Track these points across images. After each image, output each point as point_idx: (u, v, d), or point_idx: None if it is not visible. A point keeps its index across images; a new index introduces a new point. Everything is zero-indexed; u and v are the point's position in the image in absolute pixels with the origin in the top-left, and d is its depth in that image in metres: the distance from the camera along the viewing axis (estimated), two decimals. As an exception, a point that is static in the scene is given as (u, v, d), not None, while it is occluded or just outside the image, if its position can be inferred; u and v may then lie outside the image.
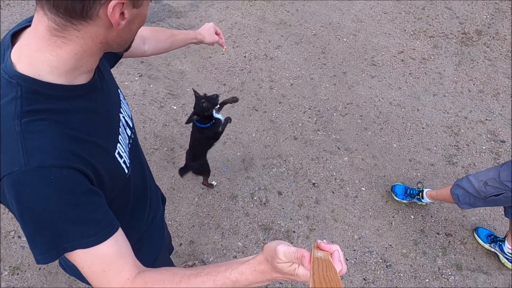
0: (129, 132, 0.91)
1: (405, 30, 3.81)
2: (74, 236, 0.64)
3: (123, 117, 0.88)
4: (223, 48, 1.43)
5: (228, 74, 3.27)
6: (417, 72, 3.37)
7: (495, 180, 1.85)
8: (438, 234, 2.31)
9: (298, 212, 2.37)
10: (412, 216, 2.38)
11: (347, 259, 2.17)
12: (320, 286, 0.53)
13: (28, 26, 0.68)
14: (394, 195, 2.44)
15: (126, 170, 0.81)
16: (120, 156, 0.79)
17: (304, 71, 3.33)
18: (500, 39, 3.71)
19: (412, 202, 2.42)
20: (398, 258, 2.20)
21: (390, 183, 2.54)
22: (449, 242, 2.28)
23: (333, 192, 2.48)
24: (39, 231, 0.63)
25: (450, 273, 2.15)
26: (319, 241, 0.65)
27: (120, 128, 0.84)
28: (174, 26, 3.69)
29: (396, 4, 4.13)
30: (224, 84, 3.17)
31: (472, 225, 2.35)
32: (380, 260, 2.18)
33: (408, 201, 2.42)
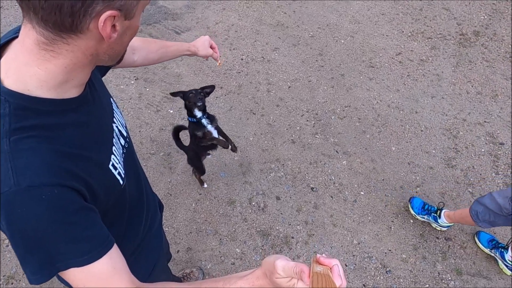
0: (122, 142, 0.90)
1: (402, 31, 3.79)
2: (67, 255, 0.63)
3: (117, 126, 0.87)
4: (217, 62, 1.44)
5: (225, 77, 3.24)
6: (415, 74, 3.35)
7: None
8: (437, 238, 2.29)
9: (296, 217, 2.35)
10: (411, 221, 2.36)
11: (346, 265, 2.15)
12: None
13: (15, 38, 0.66)
14: (410, 207, 2.36)
15: (121, 181, 0.80)
16: (115, 168, 0.78)
17: (301, 74, 3.30)
18: (498, 40, 3.70)
19: (427, 221, 2.31)
20: (397, 263, 2.18)
21: (389, 187, 2.52)
22: (448, 246, 2.26)
23: (331, 197, 2.46)
24: (30, 252, 0.62)
25: (450, 278, 2.13)
26: (318, 255, 0.64)
27: (114, 139, 0.83)
28: (170, 28, 3.66)
29: (394, 5, 4.11)
30: (221, 87, 3.14)
31: (472, 229, 2.33)
32: (380, 266, 2.16)
33: (423, 217, 2.30)
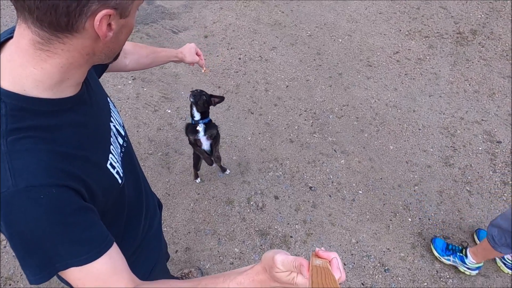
0: (120, 141, 0.90)
1: (400, 30, 3.80)
2: (66, 255, 0.63)
3: (114, 126, 0.87)
4: (202, 69, 1.46)
5: (223, 76, 3.23)
6: (412, 73, 3.36)
7: None
8: (435, 236, 2.29)
9: (295, 216, 2.35)
10: (409, 219, 2.37)
11: (345, 264, 2.15)
12: None
13: (9, 38, 0.66)
14: (433, 248, 2.19)
15: (120, 180, 0.80)
16: (113, 167, 0.78)
17: (299, 73, 3.30)
18: (495, 39, 3.71)
19: (454, 264, 2.13)
20: (396, 262, 2.18)
21: (387, 185, 2.52)
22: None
23: (330, 196, 2.46)
24: (29, 253, 0.62)
25: (448, 276, 2.14)
26: (317, 249, 0.65)
27: (111, 138, 0.83)
28: (168, 27, 3.65)
29: (391, 4, 4.11)
30: (219, 87, 3.13)
31: (470, 227, 2.34)
32: (378, 264, 2.16)
33: (449, 260, 2.13)
